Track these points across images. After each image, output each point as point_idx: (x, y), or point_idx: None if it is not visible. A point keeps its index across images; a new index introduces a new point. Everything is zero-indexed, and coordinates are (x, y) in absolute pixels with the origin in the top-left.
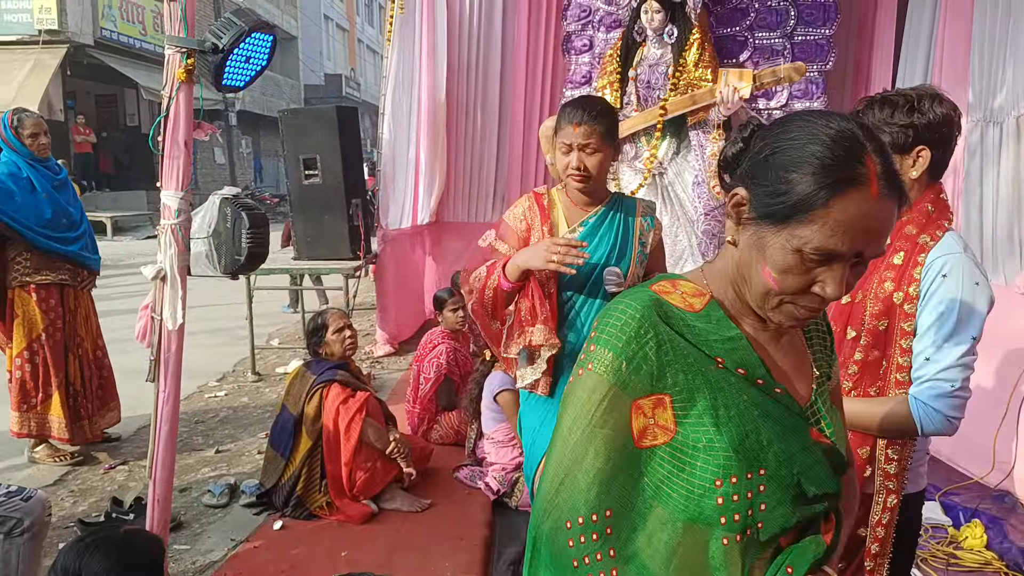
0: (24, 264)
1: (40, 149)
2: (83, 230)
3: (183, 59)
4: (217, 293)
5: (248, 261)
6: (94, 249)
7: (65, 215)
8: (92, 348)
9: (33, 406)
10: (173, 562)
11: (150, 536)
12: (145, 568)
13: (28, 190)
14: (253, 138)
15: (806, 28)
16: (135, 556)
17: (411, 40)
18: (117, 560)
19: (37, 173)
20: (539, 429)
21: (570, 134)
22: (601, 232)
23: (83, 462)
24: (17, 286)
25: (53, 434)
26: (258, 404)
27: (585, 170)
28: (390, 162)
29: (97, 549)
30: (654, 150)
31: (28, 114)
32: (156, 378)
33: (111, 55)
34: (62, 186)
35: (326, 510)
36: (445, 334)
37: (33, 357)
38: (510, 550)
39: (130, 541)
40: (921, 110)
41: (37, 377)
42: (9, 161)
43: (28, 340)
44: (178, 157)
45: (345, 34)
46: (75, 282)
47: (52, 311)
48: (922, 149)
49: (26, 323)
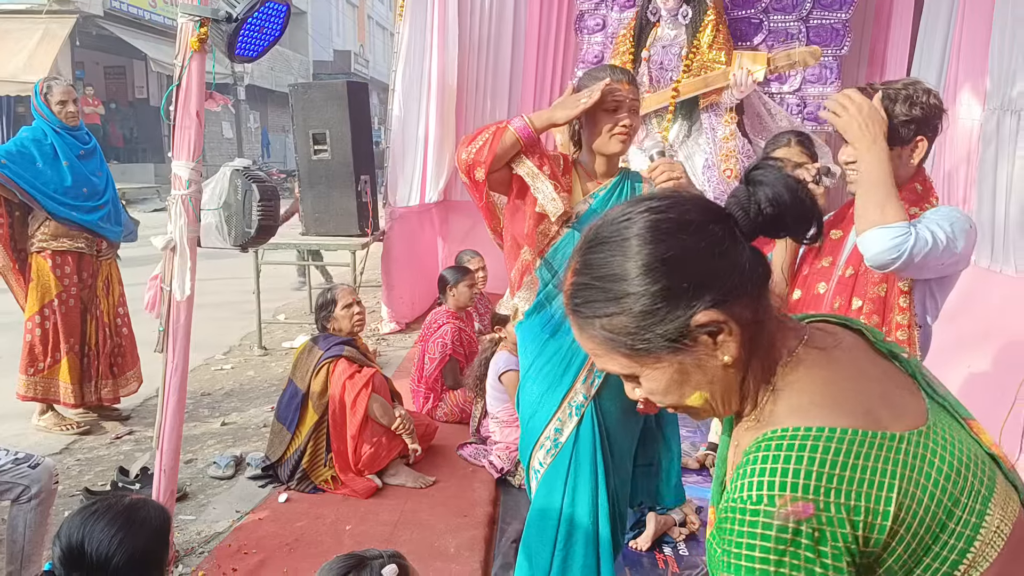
0: (44, 231)
1: (68, 117)
2: (105, 200)
3: (196, 28)
4: (224, 267)
5: (258, 234)
6: (117, 220)
7: (87, 184)
8: (111, 315)
9: (40, 370)
10: (179, 532)
11: (156, 505)
12: (150, 536)
13: (51, 157)
14: (261, 113)
15: (822, 12)
16: (140, 524)
17: (423, 16)
18: (121, 528)
19: (62, 141)
20: (537, 405)
21: (621, 93)
22: (611, 203)
23: (89, 431)
24: (35, 251)
25: (60, 399)
26: (264, 378)
27: (631, 128)
28: (399, 139)
29: (101, 517)
30: (665, 132)
31: (57, 81)
32: (164, 349)
33: (120, 26)
34: (88, 155)
35: (331, 484)
36: (450, 313)
37: (44, 322)
38: (513, 527)
39: (135, 510)
40: (919, 103)
41: (47, 342)
42: (37, 128)
43: (40, 305)
44: (189, 127)
45: (355, 10)
46: (92, 251)
47: (67, 277)
48: (920, 139)
49: (40, 288)
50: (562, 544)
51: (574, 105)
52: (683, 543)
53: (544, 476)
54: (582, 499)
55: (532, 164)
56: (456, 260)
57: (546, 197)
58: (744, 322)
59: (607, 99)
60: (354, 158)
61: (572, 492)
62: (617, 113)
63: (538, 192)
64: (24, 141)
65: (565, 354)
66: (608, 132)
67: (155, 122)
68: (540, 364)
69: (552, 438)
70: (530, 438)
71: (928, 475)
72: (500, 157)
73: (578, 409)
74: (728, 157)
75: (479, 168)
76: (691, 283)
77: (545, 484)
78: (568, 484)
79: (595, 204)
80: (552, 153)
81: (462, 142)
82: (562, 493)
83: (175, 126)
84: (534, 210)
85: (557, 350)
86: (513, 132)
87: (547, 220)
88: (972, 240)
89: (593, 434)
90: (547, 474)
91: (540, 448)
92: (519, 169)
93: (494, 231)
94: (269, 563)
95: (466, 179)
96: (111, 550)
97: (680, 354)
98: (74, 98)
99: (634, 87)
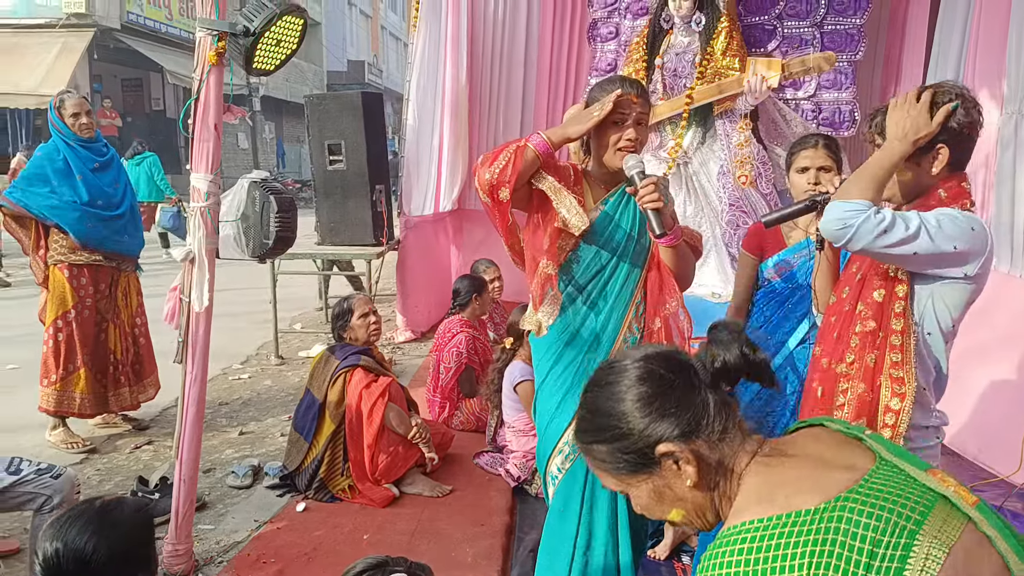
0: (61, 244)
1: (81, 129)
2: (122, 211)
3: (214, 42)
4: (240, 277)
5: (276, 245)
6: (135, 231)
7: (101, 196)
8: (130, 324)
9: (53, 382)
10: (198, 542)
11: (133, 503)
12: (128, 535)
13: (64, 173)
14: (276, 123)
15: (836, 17)
16: (114, 525)
17: (437, 26)
18: (96, 531)
19: (75, 155)
20: (554, 413)
21: (629, 106)
22: (620, 209)
23: (95, 450)
24: (52, 264)
25: (76, 411)
26: (281, 387)
27: (637, 142)
28: (414, 149)
29: (74, 523)
30: (679, 139)
31: (70, 94)
32: (184, 359)
33: (137, 39)
34: (104, 167)
35: (348, 493)
36: (463, 322)
37: (57, 334)
38: (530, 536)
39: (108, 511)
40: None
41: (59, 354)
42: (51, 145)
43: (55, 316)
44: (208, 140)
45: (368, 20)
46: (110, 264)
47: (83, 289)
48: (941, 147)
49: (56, 299)
50: (581, 551)
51: (586, 120)
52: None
53: (561, 483)
54: (601, 505)
55: (553, 180)
56: (472, 270)
57: (570, 211)
58: (702, 452)
59: (614, 112)
60: (369, 168)
61: (591, 499)
62: (624, 126)
63: (561, 206)
64: (38, 162)
65: (581, 361)
66: (613, 146)
67: (171, 134)
68: (558, 372)
69: (570, 444)
70: (547, 445)
71: (844, 535)
72: (523, 175)
73: None
74: (743, 163)
75: (504, 188)
76: (654, 421)
77: (563, 491)
78: (587, 491)
79: (607, 209)
80: (560, 165)
81: (482, 162)
82: (580, 500)
83: (194, 139)
84: (554, 225)
85: (573, 358)
86: (533, 149)
87: (565, 234)
88: (976, 242)
89: None
90: (564, 481)
91: (558, 454)
92: (541, 184)
93: (512, 249)
94: (287, 572)
95: (488, 199)
96: (87, 554)
97: (652, 476)
98: (87, 110)
99: (644, 99)
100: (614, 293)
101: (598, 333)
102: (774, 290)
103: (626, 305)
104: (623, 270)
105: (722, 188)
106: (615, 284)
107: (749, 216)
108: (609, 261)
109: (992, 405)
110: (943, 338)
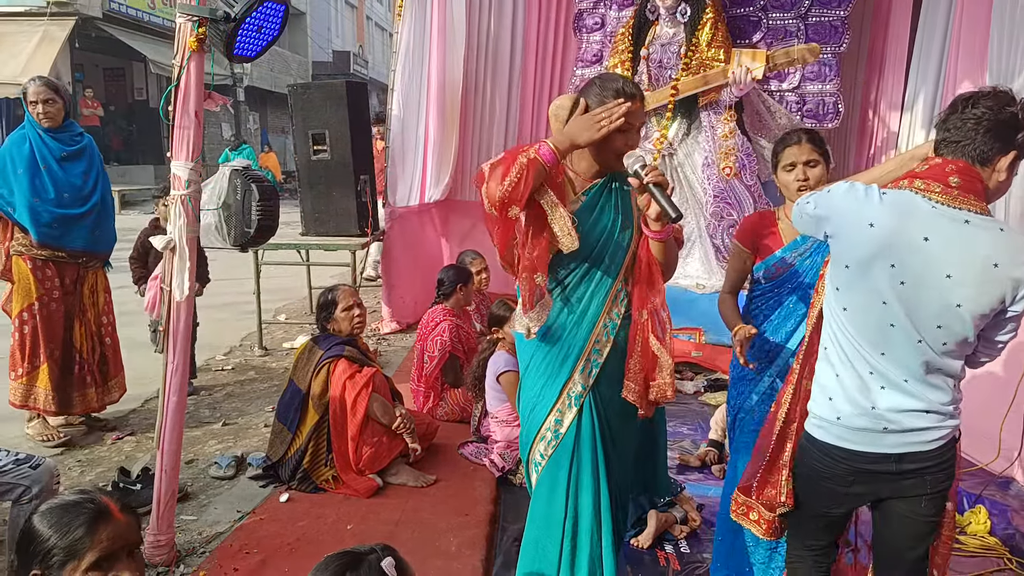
0: (23, 236)
1: (40, 117)
2: (91, 206)
3: (194, 27)
4: (224, 268)
5: (258, 233)
6: (106, 227)
7: (68, 188)
8: (96, 323)
9: (20, 376)
10: (180, 532)
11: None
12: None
13: (29, 163)
14: (260, 114)
15: (821, 9)
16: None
17: (422, 16)
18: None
19: (43, 144)
20: (537, 398)
21: (635, 114)
22: (602, 200)
23: (70, 442)
24: (15, 254)
25: (40, 406)
26: (265, 378)
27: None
28: (399, 139)
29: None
30: (664, 130)
31: (32, 81)
32: (165, 349)
33: (119, 28)
34: (73, 157)
35: (332, 484)
36: (447, 311)
37: (23, 326)
38: (514, 526)
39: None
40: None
41: (24, 347)
42: (18, 134)
43: (20, 308)
44: (188, 127)
45: (354, 11)
46: (75, 261)
47: (48, 280)
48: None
49: (22, 291)
50: (569, 536)
51: (595, 129)
52: (684, 540)
53: (546, 469)
54: (586, 490)
55: (553, 195)
56: (458, 261)
57: (562, 231)
58: None
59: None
60: (353, 158)
61: (576, 483)
62: (627, 133)
63: (555, 223)
64: (2, 153)
65: (562, 346)
66: (619, 152)
67: (155, 124)
68: (539, 358)
69: (552, 429)
70: (531, 432)
71: None
72: (534, 191)
73: (576, 399)
74: (727, 155)
75: (514, 206)
76: None
77: (548, 477)
78: (572, 476)
79: (587, 201)
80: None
81: (490, 173)
82: (566, 485)
83: (174, 126)
84: (544, 236)
85: (554, 344)
86: (543, 163)
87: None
88: (839, 195)
89: (593, 424)
90: (548, 466)
91: (541, 440)
92: (541, 199)
93: (506, 261)
94: (270, 563)
95: (494, 212)
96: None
97: None
98: (45, 98)
99: (642, 104)
100: (594, 281)
101: (577, 321)
102: (774, 289)
103: (606, 294)
104: (603, 259)
105: (707, 179)
106: (595, 273)
107: (733, 208)
108: (591, 251)
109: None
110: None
